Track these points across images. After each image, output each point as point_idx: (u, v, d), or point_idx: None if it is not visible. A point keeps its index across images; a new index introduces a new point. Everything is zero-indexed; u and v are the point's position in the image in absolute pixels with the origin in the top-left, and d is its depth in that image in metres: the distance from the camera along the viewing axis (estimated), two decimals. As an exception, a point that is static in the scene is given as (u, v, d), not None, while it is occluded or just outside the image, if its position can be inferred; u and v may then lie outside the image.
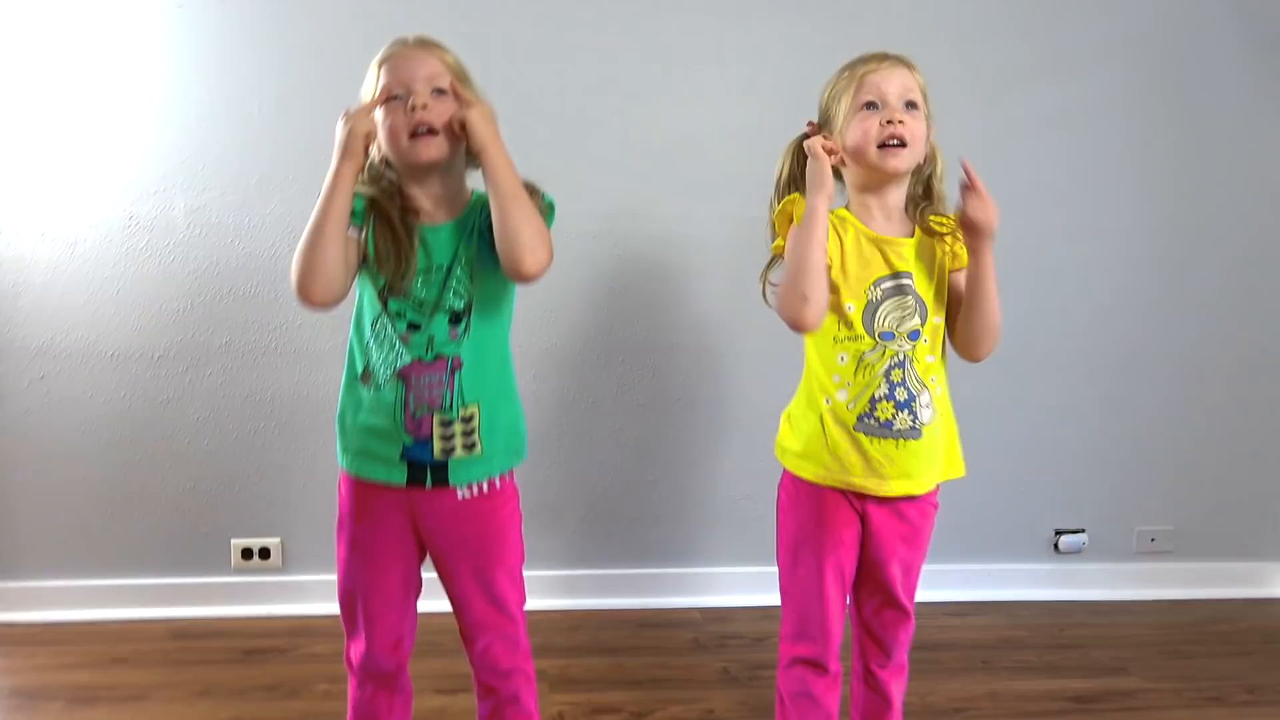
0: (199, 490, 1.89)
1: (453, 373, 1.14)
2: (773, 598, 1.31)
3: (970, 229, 1.17)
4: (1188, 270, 2.02)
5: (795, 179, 1.28)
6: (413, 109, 1.12)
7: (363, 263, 1.15)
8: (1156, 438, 2.04)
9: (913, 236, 1.23)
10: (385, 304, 1.14)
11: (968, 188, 1.17)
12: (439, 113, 1.12)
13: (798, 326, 1.15)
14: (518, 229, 1.10)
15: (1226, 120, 1.99)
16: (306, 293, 1.11)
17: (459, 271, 1.15)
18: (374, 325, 1.16)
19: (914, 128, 1.18)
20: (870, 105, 1.19)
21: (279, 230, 1.83)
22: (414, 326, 1.14)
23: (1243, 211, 2.02)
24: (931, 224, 1.24)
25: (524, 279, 1.12)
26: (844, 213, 1.24)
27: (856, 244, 1.21)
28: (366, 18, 1.82)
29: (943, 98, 1.92)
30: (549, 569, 1.94)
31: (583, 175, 1.88)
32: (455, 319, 1.15)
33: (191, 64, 1.82)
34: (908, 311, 1.20)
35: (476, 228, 1.16)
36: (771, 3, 1.91)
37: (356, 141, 1.11)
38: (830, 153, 1.21)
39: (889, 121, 1.17)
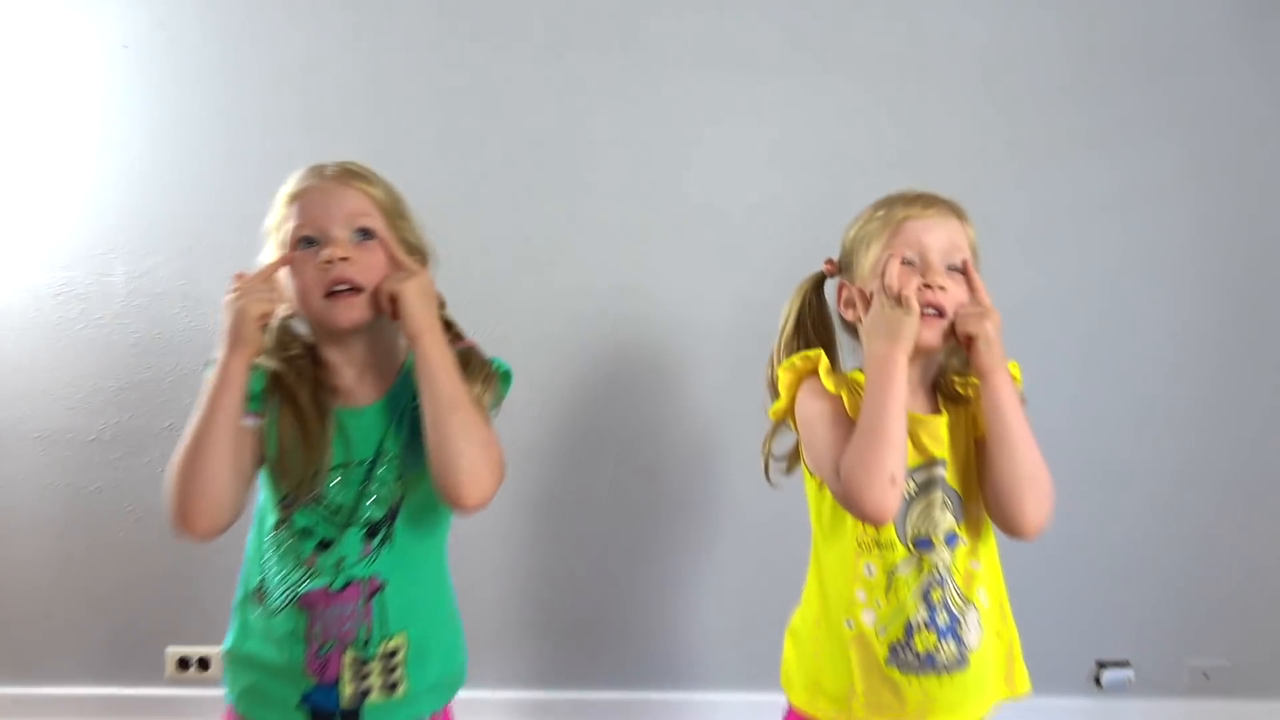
0: (132, 591, 1.67)
1: (370, 598, 0.92)
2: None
3: (966, 345, 0.96)
4: (1247, 372, 1.79)
5: (807, 328, 1.06)
6: (328, 262, 0.89)
7: (261, 462, 0.93)
8: (1211, 560, 1.81)
9: (940, 415, 1.01)
10: (289, 517, 0.92)
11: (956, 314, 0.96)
12: (364, 265, 0.91)
13: (877, 518, 0.92)
14: (457, 450, 0.88)
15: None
16: (186, 521, 0.88)
17: (383, 470, 0.93)
18: (275, 532, 0.93)
19: (956, 296, 0.97)
20: (907, 261, 0.98)
21: (231, 302, 1.62)
22: (324, 545, 0.92)
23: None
24: (956, 386, 1.02)
25: (463, 511, 0.90)
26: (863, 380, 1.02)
27: None
28: (337, 65, 1.62)
29: (986, 167, 1.74)
30: (525, 690, 1.73)
31: (579, 246, 1.67)
32: (372, 532, 0.92)
33: (135, 112, 1.61)
34: (938, 509, 0.98)
35: (409, 410, 0.94)
36: (800, 59, 1.69)
37: (249, 327, 0.88)
38: (848, 306, 0.99)
39: (928, 286, 0.96)
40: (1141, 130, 1.74)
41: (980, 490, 0.99)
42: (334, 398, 0.94)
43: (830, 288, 1.11)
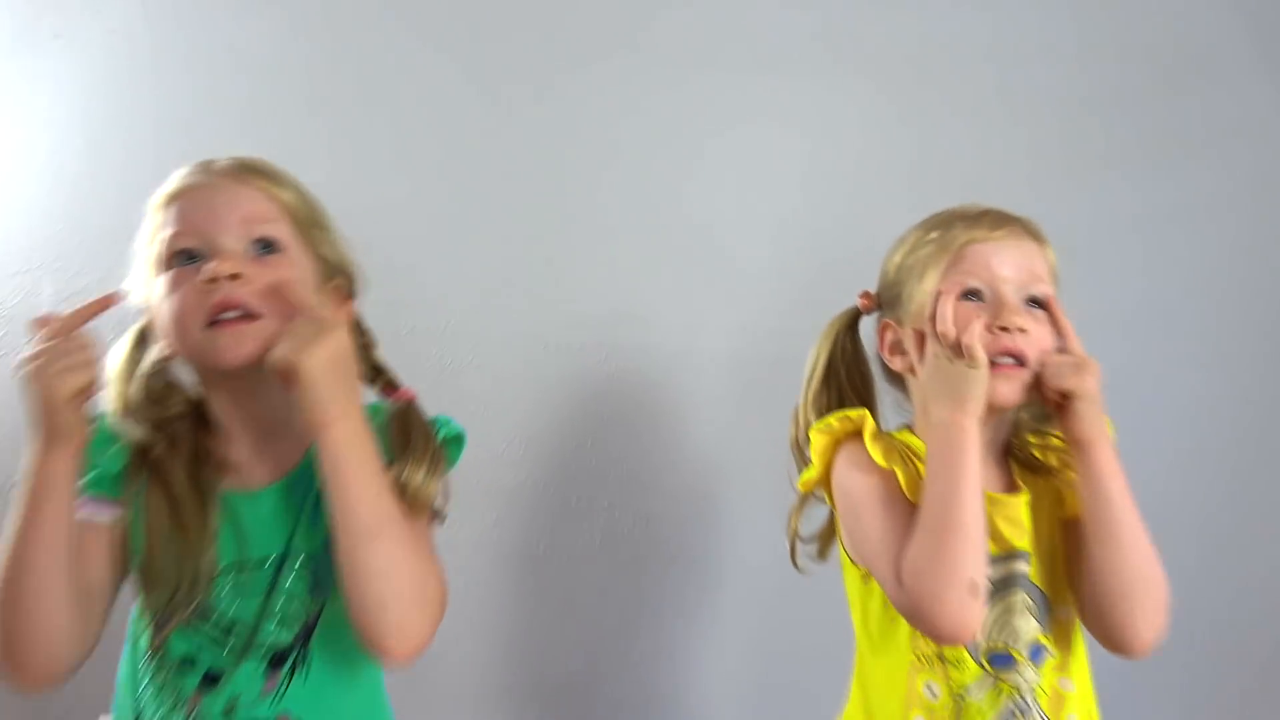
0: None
1: None
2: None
3: (1057, 406, 0.78)
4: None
5: (840, 377, 0.88)
6: (212, 280, 0.69)
7: (126, 566, 0.73)
8: None
9: (1019, 492, 0.82)
10: (163, 641, 0.72)
11: (1043, 366, 0.79)
12: (262, 285, 0.70)
13: (954, 636, 0.74)
14: (379, 595, 0.67)
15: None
16: (14, 671, 0.67)
17: (292, 579, 0.72)
18: (148, 660, 0.74)
19: (1038, 337, 0.79)
20: (972, 294, 0.80)
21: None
22: (211, 679, 0.72)
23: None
24: (1034, 450, 0.84)
25: (388, 663, 0.71)
26: (920, 445, 0.84)
27: None
28: (300, 64, 1.45)
29: (1033, 182, 1.56)
30: (504, 766, 1.54)
31: (570, 269, 1.49)
32: (277, 660, 0.72)
33: (68, 112, 1.43)
34: (1019, 614, 0.80)
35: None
36: (814, 62, 1.53)
37: (61, 412, 0.67)
38: (894, 352, 0.82)
39: (1003, 328, 0.78)
40: (1175, 145, 1.59)
41: (1074, 592, 0.81)
42: (222, 474, 0.74)
43: (867, 325, 0.95)
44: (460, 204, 1.48)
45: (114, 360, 0.79)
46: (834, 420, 0.85)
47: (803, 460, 0.90)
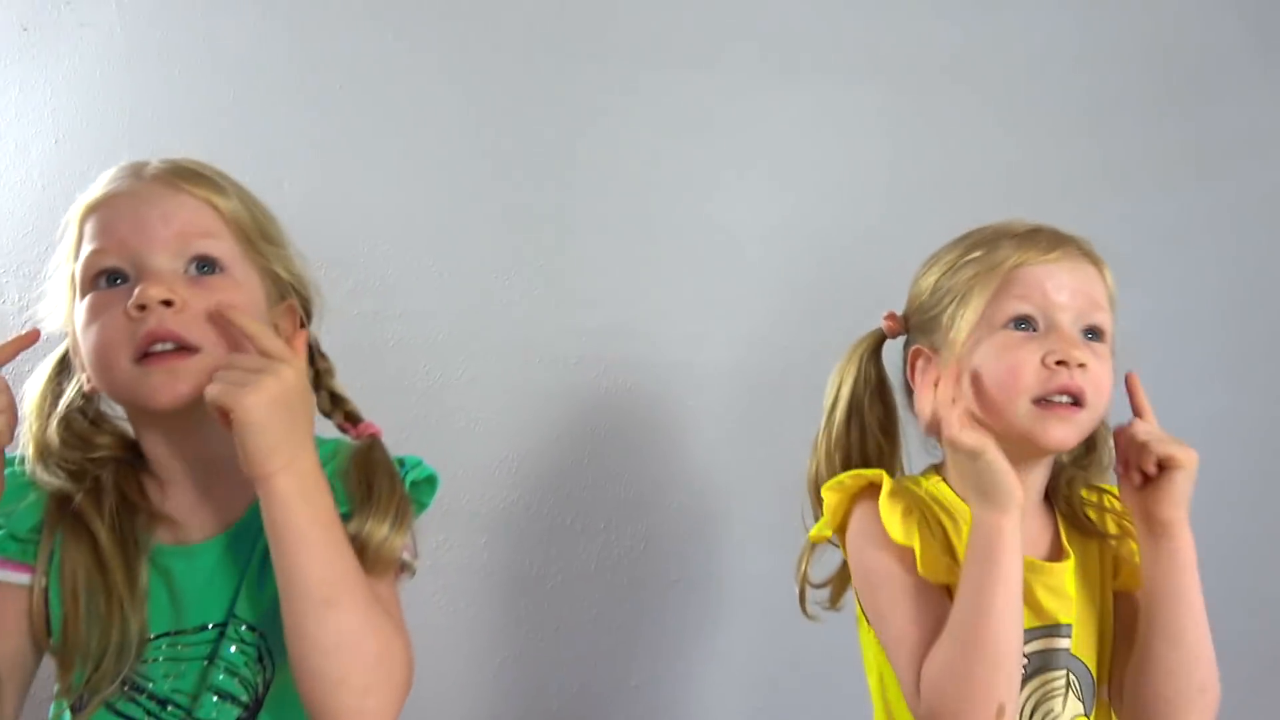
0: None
1: None
2: None
3: (1150, 480, 0.71)
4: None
5: (862, 412, 0.82)
6: (141, 307, 0.60)
7: (43, 638, 0.64)
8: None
9: (1065, 557, 0.75)
10: None
11: (1134, 430, 0.72)
12: (198, 312, 0.61)
13: None
14: (333, 672, 0.59)
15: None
16: None
17: (234, 644, 0.63)
18: None
19: (1098, 374, 0.72)
20: (1023, 322, 0.72)
21: (147, 337, 1.36)
22: None
23: None
24: (1088, 512, 0.77)
25: None
26: (950, 497, 0.76)
27: None
28: (280, 60, 1.37)
29: (1063, 191, 1.46)
30: (494, 799, 1.47)
31: (565, 278, 1.42)
32: None
33: (36, 108, 1.35)
34: (1058, 696, 0.72)
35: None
36: (828, 61, 1.47)
37: None
38: (925, 382, 0.75)
39: (1060, 363, 0.70)
40: (1210, 154, 1.54)
41: (1115, 678, 0.74)
42: (154, 527, 0.65)
43: (891, 350, 0.87)
44: (449, 209, 1.41)
45: (30, 393, 0.70)
46: (847, 479, 0.78)
47: (818, 502, 0.83)
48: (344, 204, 1.38)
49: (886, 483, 0.74)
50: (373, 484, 0.65)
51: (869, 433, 0.83)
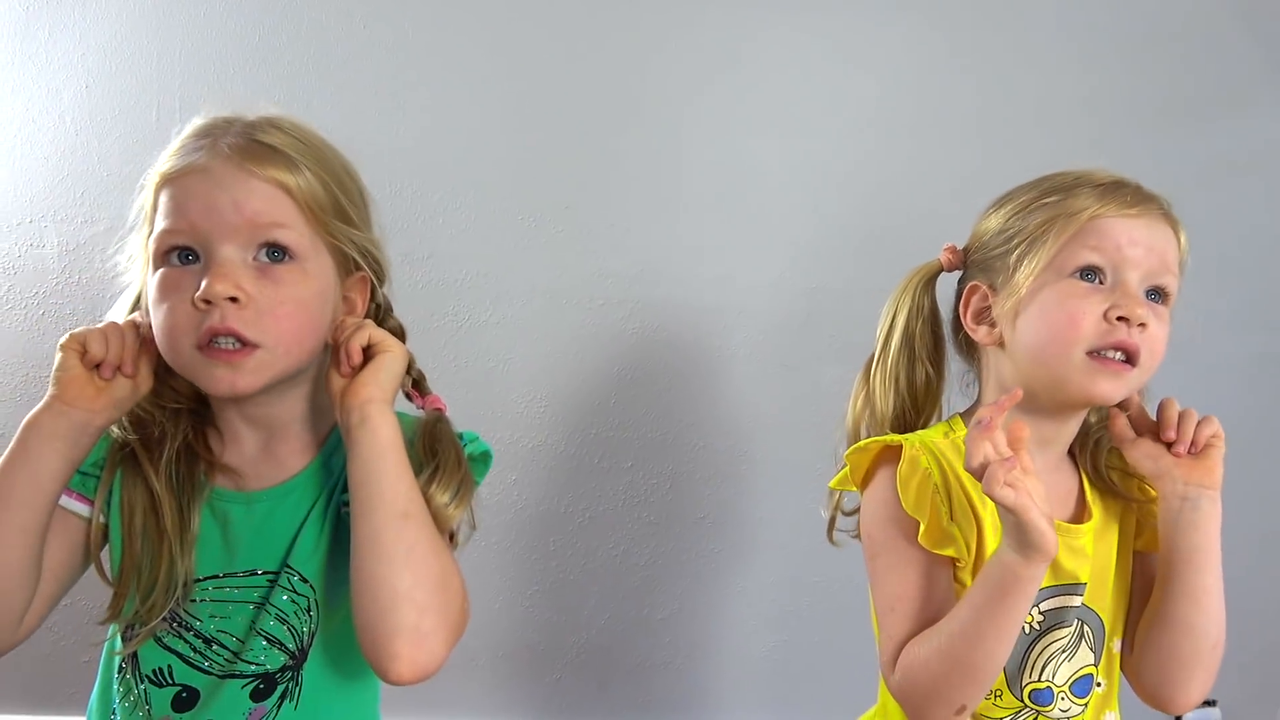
0: (61, 611, 1.46)
1: None
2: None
3: (1185, 456, 0.73)
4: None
5: (913, 345, 0.80)
6: (207, 301, 0.61)
7: (83, 564, 0.68)
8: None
9: (1088, 519, 0.75)
10: (132, 657, 0.66)
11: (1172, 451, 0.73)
12: (264, 308, 0.62)
13: None
14: (393, 596, 0.61)
15: None
16: None
17: (286, 596, 0.65)
18: (120, 679, 0.68)
19: (1155, 336, 0.71)
20: (1090, 273, 0.71)
21: (183, 280, 1.38)
22: (187, 698, 0.66)
23: None
24: (1114, 475, 0.77)
25: (392, 677, 0.63)
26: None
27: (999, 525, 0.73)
28: (313, 5, 1.36)
29: (1095, 128, 1.41)
30: (527, 723, 1.52)
31: (591, 222, 1.42)
32: (265, 688, 0.66)
33: (65, 54, 1.35)
34: (1067, 652, 0.73)
35: (338, 501, 0.67)
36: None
37: (67, 377, 0.64)
38: (979, 320, 0.75)
39: (1122, 319, 0.69)
40: (1247, 89, 1.48)
41: (1128, 635, 0.76)
42: (213, 474, 0.68)
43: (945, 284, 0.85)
44: (476, 152, 1.40)
45: None
46: (868, 444, 0.78)
47: (856, 437, 0.84)
48: (371, 146, 1.35)
49: (907, 449, 0.75)
50: (438, 454, 0.67)
51: (918, 362, 0.82)
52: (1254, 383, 1.50)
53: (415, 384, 0.75)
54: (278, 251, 0.65)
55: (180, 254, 0.64)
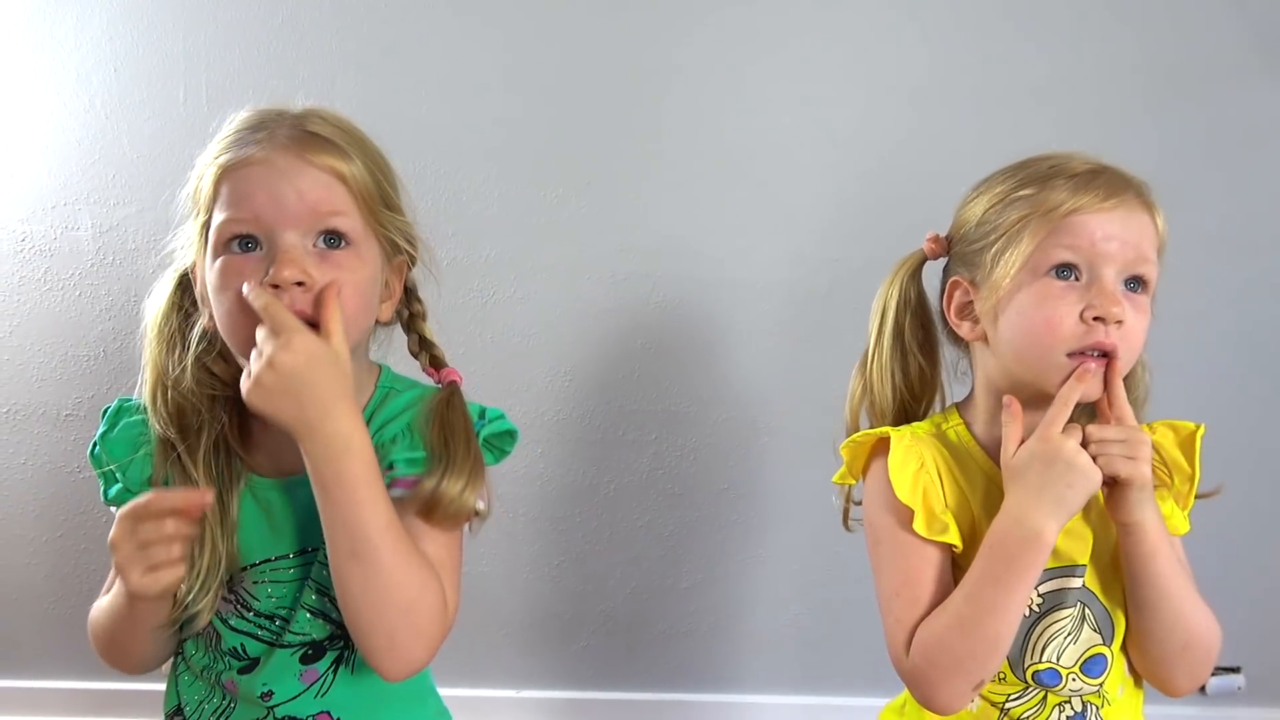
0: (119, 581, 1.52)
1: None
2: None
3: (1110, 489, 0.72)
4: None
5: (904, 336, 0.81)
6: (274, 286, 0.64)
7: None
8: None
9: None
10: (194, 634, 0.72)
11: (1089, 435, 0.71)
12: (322, 289, 0.65)
13: (941, 714, 0.72)
14: (365, 619, 0.64)
15: None
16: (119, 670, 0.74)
17: (325, 567, 0.66)
18: (186, 651, 0.74)
19: (1132, 329, 0.71)
20: (1066, 270, 0.71)
21: (214, 260, 1.41)
22: (247, 667, 0.70)
23: None
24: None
25: (383, 678, 0.68)
26: (969, 442, 0.77)
27: (995, 511, 0.74)
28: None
29: (1104, 100, 1.40)
30: (553, 690, 1.56)
31: (614, 196, 1.43)
32: (313, 653, 0.70)
33: (94, 38, 1.38)
34: (1069, 632, 0.74)
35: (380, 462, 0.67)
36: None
37: (148, 598, 0.66)
38: (962, 315, 0.76)
39: (1098, 319, 0.69)
40: (1256, 61, 1.44)
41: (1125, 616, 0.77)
42: (250, 463, 0.71)
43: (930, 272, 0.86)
44: (498, 128, 1.41)
45: (151, 311, 0.74)
46: (859, 437, 0.79)
47: (854, 426, 0.84)
48: (393, 124, 1.35)
49: (896, 440, 0.75)
50: (449, 440, 0.67)
51: (910, 354, 0.83)
52: (1262, 352, 1.49)
53: (432, 360, 0.76)
54: (334, 238, 0.67)
55: (241, 242, 0.66)
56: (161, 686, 0.80)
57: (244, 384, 0.64)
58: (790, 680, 1.57)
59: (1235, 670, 1.61)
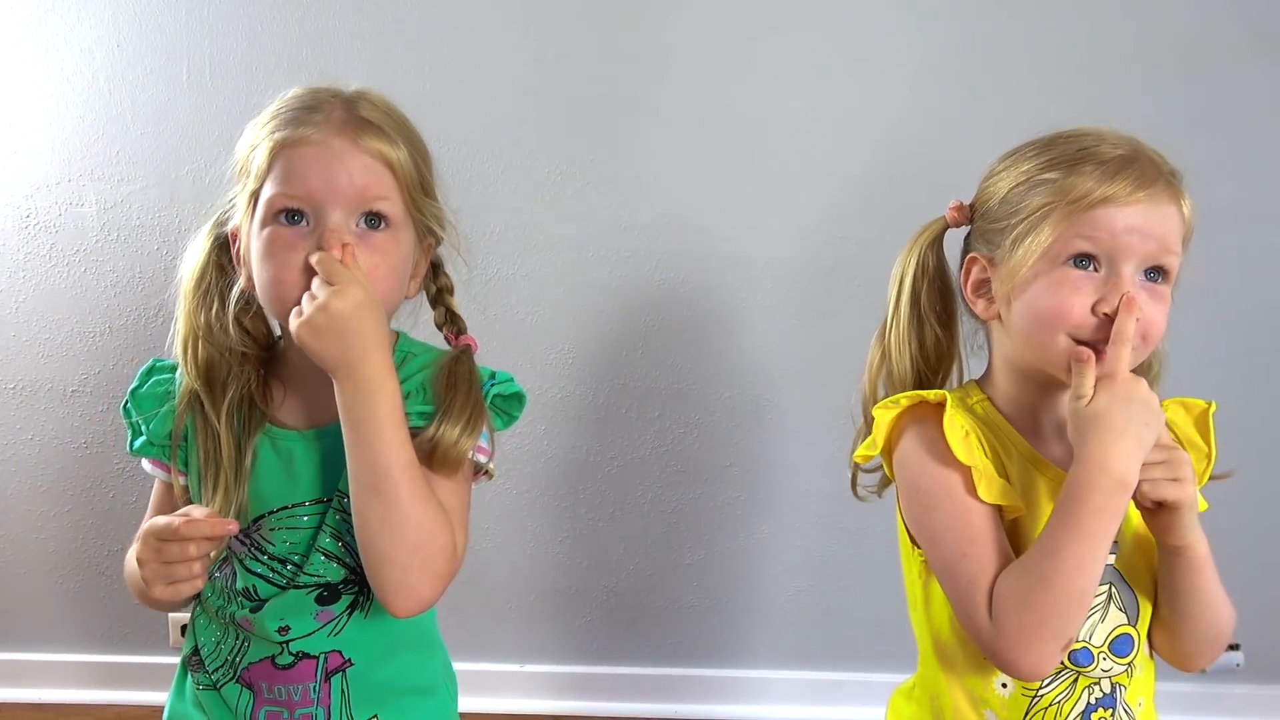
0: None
1: (328, 677, 0.73)
2: (832, 711, 0.90)
3: (1153, 513, 0.71)
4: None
5: (920, 306, 0.79)
6: (320, 263, 0.67)
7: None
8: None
9: None
10: (215, 576, 0.74)
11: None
12: (363, 268, 0.69)
13: (1029, 678, 0.71)
14: (378, 552, 0.68)
15: None
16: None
17: (339, 513, 0.71)
18: (204, 595, 0.76)
19: (1152, 319, 0.70)
20: (1085, 260, 0.70)
21: (218, 236, 1.41)
22: (258, 607, 0.73)
23: None
24: None
25: (392, 614, 0.71)
26: (994, 416, 0.76)
27: (1030, 485, 0.74)
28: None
29: (1116, 75, 1.39)
30: (558, 664, 1.57)
31: (618, 173, 1.43)
32: (329, 595, 0.73)
33: (97, 13, 1.37)
34: (1100, 606, 0.74)
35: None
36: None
37: (163, 597, 0.69)
38: (978, 292, 0.75)
39: (1109, 315, 0.69)
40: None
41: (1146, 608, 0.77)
42: (270, 415, 0.74)
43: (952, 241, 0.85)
44: (502, 105, 1.41)
45: (188, 266, 0.77)
46: (902, 398, 0.76)
47: (866, 421, 0.83)
48: (397, 101, 1.38)
49: (951, 400, 0.73)
50: (454, 391, 0.71)
51: (927, 323, 0.81)
52: (1261, 333, 1.49)
53: (451, 331, 0.80)
54: (376, 219, 0.71)
55: (289, 215, 0.70)
56: (168, 660, 0.81)
57: (293, 322, 0.68)
58: (792, 655, 1.58)
59: (1234, 648, 1.62)
